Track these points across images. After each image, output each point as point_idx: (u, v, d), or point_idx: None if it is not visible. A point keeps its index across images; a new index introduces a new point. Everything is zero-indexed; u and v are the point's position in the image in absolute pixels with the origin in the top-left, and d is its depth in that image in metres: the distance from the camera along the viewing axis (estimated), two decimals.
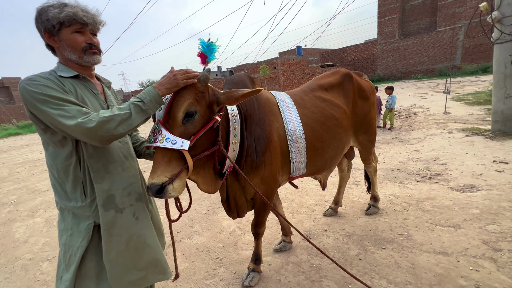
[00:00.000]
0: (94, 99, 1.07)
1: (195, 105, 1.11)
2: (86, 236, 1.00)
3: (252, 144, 1.48)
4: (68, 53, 1.01)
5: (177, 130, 1.07)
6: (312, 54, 33.35)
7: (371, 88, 2.32)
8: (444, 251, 1.90)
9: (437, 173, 3.24)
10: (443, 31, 19.98)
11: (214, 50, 1.25)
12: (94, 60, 1.06)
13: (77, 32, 1.00)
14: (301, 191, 3.28)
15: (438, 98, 8.98)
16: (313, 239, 2.28)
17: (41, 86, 0.89)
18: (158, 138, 1.03)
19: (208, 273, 2.02)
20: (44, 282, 2.15)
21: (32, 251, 2.66)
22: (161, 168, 1.02)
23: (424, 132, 5.27)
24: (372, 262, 1.89)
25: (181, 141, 1.03)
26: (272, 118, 1.60)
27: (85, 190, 1.01)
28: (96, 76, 1.17)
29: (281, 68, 20.20)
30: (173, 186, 1.02)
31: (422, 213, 2.42)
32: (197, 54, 1.25)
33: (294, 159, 1.68)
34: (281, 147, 1.63)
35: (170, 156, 1.04)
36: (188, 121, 1.10)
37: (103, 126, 0.88)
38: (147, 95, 0.98)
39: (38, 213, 3.64)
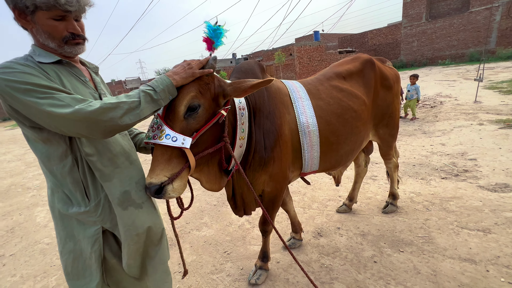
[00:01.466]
0: (83, 87, 0.93)
1: (198, 97, 1.00)
2: (96, 241, 0.93)
3: (261, 139, 1.37)
4: (44, 40, 0.85)
5: (178, 126, 0.98)
6: (330, 39, 31.89)
7: (396, 76, 2.09)
8: (471, 258, 1.72)
9: (465, 169, 2.97)
10: (476, 11, 18.21)
11: (221, 35, 1.12)
12: (77, 50, 0.91)
13: (57, 20, 0.83)
14: (314, 185, 3.15)
15: (467, 86, 8.28)
16: (324, 237, 2.17)
17: (20, 74, 0.75)
18: (158, 134, 0.94)
19: (215, 267, 1.99)
20: (59, 267, 2.22)
21: (50, 236, 2.77)
22: (160, 167, 0.94)
23: (450, 123, 4.87)
24: (388, 266, 1.76)
25: (182, 138, 0.94)
26: (283, 110, 1.47)
27: (87, 193, 0.91)
28: (80, 60, 1.02)
29: (297, 54, 19.53)
30: (173, 186, 0.95)
31: (447, 214, 2.22)
32: (203, 39, 1.13)
33: (306, 155, 1.56)
34: (293, 141, 1.51)
35: (170, 153, 0.96)
36: (191, 116, 1.00)
37: (106, 113, 0.76)
38: (160, 84, 0.88)
39: None
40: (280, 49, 20.23)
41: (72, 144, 0.88)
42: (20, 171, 5.64)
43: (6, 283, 2.11)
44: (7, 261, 2.40)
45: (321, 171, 1.76)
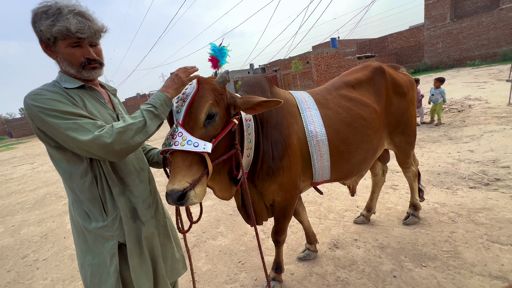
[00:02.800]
0: (103, 108, 1.03)
1: (215, 106, 1.08)
2: (114, 255, 0.97)
3: (268, 149, 1.40)
4: (65, 67, 0.95)
5: (198, 133, 1.03)
6: (348, 45, 31.45)
7: (410, 83, 2.03)
8: (503, 275, 1.58)
9: (497, 178, 2.75)
10: (508, 8, 17.07)
11: (225, 55, 1.22)
12: (94, 75, 1.00)
13: (73, 47, 0.92)
14: (331, 195, 3.08)
15: (500, 88, 7.70)
16: (340, 249, 2.10)
17: (49, 101, 0.84)
18: (179, 141, 0.98)
19: (229, 277, 2.00)
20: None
21: None
22: (182, 173, 0.96)
23: (480, 128, 4.55)
24: (409, 281, 1.66)
25: (204, 144, 0.99)
26: (291, 121, 1.50)
27: (105, 208, 0.97)
28: (100, 83, 1.12)
29: (314, 62, 19.46)
30: (195, 192, 0.96)
31: (475, 226, 2.06)
32: (208, 59, 1.23)
33: (316, 164, 1.55)
34: (302, 151, 1.52)
35: (190, 160, 0.99)
36: (210, 123, 1.06)
37: (120, 138, 0.84)
38: (157, 99, 0.96)
39: None
40: (297, 58, 20.31)
41: (92, 162, 0.95)
42: (54, 181, 6.12)
43: (38, 285, 2.28)
44: (40, 265, 2.60)
45: (333, 180, 1.74)
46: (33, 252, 2.89)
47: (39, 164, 8.94)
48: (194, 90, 1.06)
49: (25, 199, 5.07)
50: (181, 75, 1.02)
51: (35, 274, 2.47)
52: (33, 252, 2.90)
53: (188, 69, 1.05)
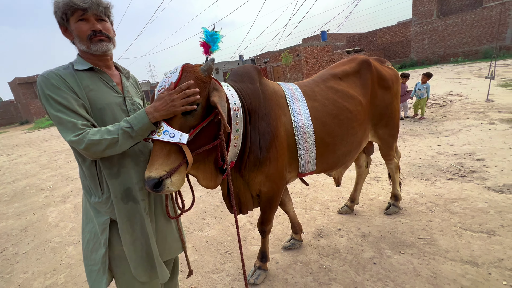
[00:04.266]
0: (109, 91, 1.08)
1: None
2: (105, 229, 1.07)
3: (256, 140, 1.40)
4: (79, 44, 1.03)
5: (176, 122, 1.02)
6: (338, 39, 31.56)
7: (395, 77, 2.08)
8: (473, 260, 1.69)
9: (472, 170, 2.90)
10: (490, 7, 17.63)
11: (217, 40, 1.17)
12: (101, 48, 1.04)
13: (81, 20, 1.00)
14: (317, 186, 3.14)
15: (480, 84, 8.02)
16: (324, 238, 2.17)
17: (51, 86, 0.94)
18: (156, 131, 0.99)
19: (215, 267, 2.03)
20: (68, 265, 2.32)
21: (60, 235, 2.88)
22: (159, 161, 0.98)
23: (460, 123, 4.75)
24: (387, 268, 1.75)
25: (180, 135, 0.98)
26: (279, 112, 1.50)
27: (101, 186, 1.06)
28: (116, 66, 1.19)
29: (304, 55, 19.45)
30: (171, 180, 0.98)
31: (450, 215, 2.18)
32: (200, 44, 1.18)
33: (302, 155, 1.57)
34: (289, 142, 1.53)
35: (169, 149, 1.00)
36: (189, 113, 1.04)
37: (91, 148, 0.92)
38: (138, 122, 0.95)
39: (69, 199, 3.94)
40: (287, 50, 20.20)
41: None
42: (34, 173, 5.88)
43: (18, 279, 2.21)
44: (20, 259, 2.52)
45: (319, 172, 1.77)
46: (12, 246, 2.79)
47: (18, 156, 8.54)
48: (177, 79, 1.04)
49: (2, 191, 4.86)
50: (177, 103, 0.98)
51: (14, 267, 2.39)
52: (12, 245, 2.80)
53: (188, 94, 0.99)
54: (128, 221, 1.08)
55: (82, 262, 2.32)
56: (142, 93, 1.34)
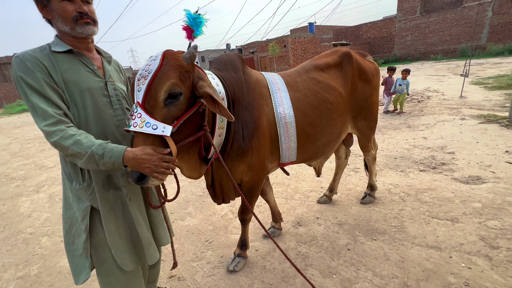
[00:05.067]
0: (90, 75, 1.05)
1: (179, 85, 1.00)
2: (85, 216, 1.07)
3: (239, 129, 1.40)
4: (60, 25, 0.99)
5: (158, 113, 0.97)
6: (325, 31, 31.63)
7: (375, 70, 2.13)
8: (437, 245, 1.82)
9: (443, 162, 3.08)
10: (469, 6, 18.32)
11: (201, 24, 1.10)
12: (87, 30, 1.02)
13: (66, 0, 0.97)
14: (298, 177, 3.21)
15: (456, 81, 8.43)
16: (303, 226, 2.24)
17: (26, 69, 0.91)
18: (138, 122, 0.94)
19: (196, 255, 2.04)
20: (41, 256, 2.24)
21: (33, 226, 2.77)
22: None
23: (435, 117, 4.99)
24: (360, 253, 1.85)
25: (163, 127, 0.94)
26: (262, 102, 1.50)
27: (82, 173, 1.06)
28: (97, 49, 1.15)
29: (291, 46, 19.37)
30: None
31: (420, 204, 2.32)
32: (183, 28, 1.12)
33: (284, 145, 1.59)
34: (270, 132, 1.54)
35: (152, 141, 0.96)
36: (172, 103, 1.00)
37: (57, 147, 0.92)
38: (111, 157, 0.90)
39: (42, 189, 3.77)
40: (274, 40, 20.01)
41: None
42: (4, 161, 5.53)
43: None
44: None
45: (299, 162, 1.80)
46: None
47: None
48: (157, 67, 0.98)
49: None
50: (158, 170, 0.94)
51: None
52: None
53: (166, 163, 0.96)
54: (111, 208, 1.09)
55: (57, 253, 2.26)
56: (125, 78, 1.31)
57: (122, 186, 1.11)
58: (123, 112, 1.14)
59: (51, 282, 1.94)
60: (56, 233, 2.60)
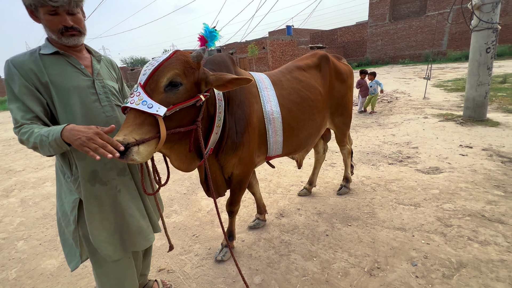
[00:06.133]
0: (77, 74, 1.10)
1: (181, 77, 1.09)
2: (74, 207, 1.12)
3: (233, 125, 1.50)
4: (48, 32, 1.04)
5: (157, 96, 1.04)
6: (302, 34, 32.57)
7: (349, 71, 2.35)
8: (402, 227, 2.07)
9: (408, 156, 3.42)
10: (432, 15, 19.97)
11: (215, 38, 1.23)
12: (73, 41, 1.07)
13: (51, 14, 0.99)
14: (279, 172, 3.38)
15: (420, 84, 9.18)
16: (285, 217, 2.40)
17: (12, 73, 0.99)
18: (135, 100, 0.99)
19: (183, 249, 2.11)
20: (19, 260, 2.17)
21: (6, 231, 2.64)
22: (130, 129, 0.95)
23: (402, 116, 5.45)
24: (337, 238, 2.04)
25: (158, 106, 0.99)
26: (252, 100, 1.62)
27: (71, 167, 1.11)
28: (87, 48, 1.20)
29: (270, 48, 19.72)
30: (138, 148, 0.94)
31: (389, 193, 2.59)
32: (198, 38, 1.24)
33: (271, 139, 1.72)
34: (259, 128, 1.66)
35: (143, 119, 0.99)
36: (171, 90, 1.07)
37: (23, 143, 0.99)
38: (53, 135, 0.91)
39: (12, 193, 3.56)
40: (253, 42, 20.24)
41: None
42: None
43: None
44: None
45: (284, 154, 1.95)
46: None
47: None
48: (165, 58, 1.08)
49: None
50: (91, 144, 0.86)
51: None
52: None
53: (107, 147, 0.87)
54: (96, 202, 1.13)
55: (36, 256, 2.19)
56: (119, 75, 1.36)
57: (110, 180, 1.14)
58: (111, 108, 1.18)
59: (33, 284, 1.90)
60: (33, 236, 2.51)
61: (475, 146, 3.48)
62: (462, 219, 2.08)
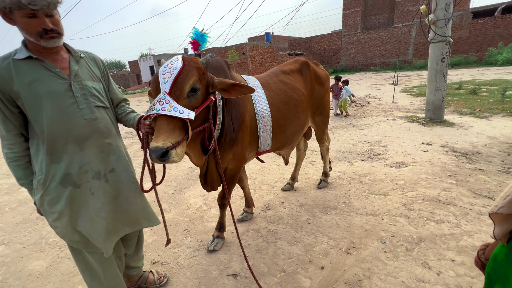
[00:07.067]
0: (53, 77, 1.07)
1: (198, 82, 1.22)
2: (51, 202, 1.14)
3: (230, 124, 1.65)
4: (25, 35, 1.00)
5: (182, 102, 1.16)
6: (280, 41, 33.52)
7: (326, 76, 2.63)
8: (373, 213, 2.35)
9: (378, 153, 3.79)
10: (399, 27, 21.68)
11: (206, 41, 1.37)
12: (53, 43, 1.04)
13: (29, 17, 0.95)
14: (264, 171, 3.57)
15: (389, 90, 9.95)
16: (271, 210, 2.59)
17: None
18: (166, 107, 1.09)
19: (175, 243, 2.20)
20: (3, 263, 2.13)
21: None
22: (166, 134, 1.08)
23: (373, 119, 5.94)
24: (318, 225, 2.26)
25: (188, 111, 1.13)
26: (245, 101, 1.79)
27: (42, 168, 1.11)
28: (67, 48, 1.16)
29: (249, 54, 20.10)
30: (176, 151, 1.09)
31: (362, 185, 2.89)
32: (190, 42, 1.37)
33: (262, 136, 1.91)
34: (251, 126, 1.83)
35: (174, 124, 1.12)
36: (193, 96, 1.21)
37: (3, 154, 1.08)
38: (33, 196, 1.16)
39: None
40: (233, 48, 20.50)
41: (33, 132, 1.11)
42: None
43: None
44: None
45: (273, 150, 2.14)
46: None
47: None
48: (181, 65, 1.18)
49: None
50: None
51: None
52: None
53: None
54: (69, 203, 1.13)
55: (22, 259, 2.17)
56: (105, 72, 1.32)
57: (84, 183, 1.15)
58: (90, 111, 1.16)
59: (22, 285, 1.89)
60: (15, 240, 2.45)
61: (434, 143, 3.95)
62: (422, 203, 2.41)
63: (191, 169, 3.82)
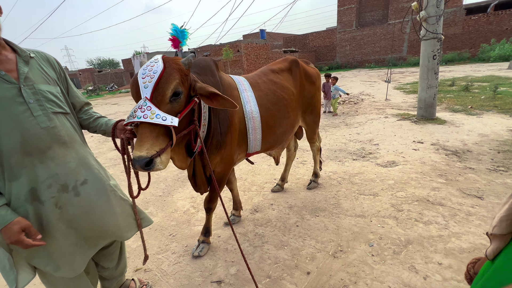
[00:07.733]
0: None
1: (181, 85, 1.16)
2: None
3: (217, 126, 1.60)
4: None
5: (164, 108, 1.11)
6: (276, 38, 33.36)
7: (317, 74, 2.58)
8: (362, 214, 2.31)
9: (370, 152, 3.76)
10: (393, 24, 21.70)
11: (186, 37, 1.31)
12: None
13: None
14: (254, 171, 3.52)
15: (383, 87, 9.94)
16: (259, 212, 2.54)
17: None
18: (148, 114, 1.05)
19: (160, 248, 2.15)
20: None
21: None
22: (149, 142, 1.05)
23: (366, 116, 5.92)
24: (306, 227, 2.22)
25: (171, 118, 1.08)
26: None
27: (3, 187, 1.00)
28: (11, 46, 1.01)
29: (244, 51, 19.94)
30: (161, 159, 1.06)
31: (352, 185, 2.85)
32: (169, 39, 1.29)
33: (251, 137, 1.86)
34: (240, 127, 1.78)
35: (157, 131, 1.08)
36: (175, 100, 1.15)
37: None
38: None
39: None
40: (227, 45, 20.31)
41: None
42: None
43: None
44: None
45: (263, 151, 2.09)
46: None
47: None
48: (161, 68, 1.11)
49: None
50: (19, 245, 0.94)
51: None
52: None
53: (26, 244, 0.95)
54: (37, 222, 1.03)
55: None
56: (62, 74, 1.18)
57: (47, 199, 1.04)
58: (47, 118, 1.03)
59: None
60: None
61: (425, 142, 3.94)
62: (411, 204, 2.38)
63: (181, 171, 3.75)
